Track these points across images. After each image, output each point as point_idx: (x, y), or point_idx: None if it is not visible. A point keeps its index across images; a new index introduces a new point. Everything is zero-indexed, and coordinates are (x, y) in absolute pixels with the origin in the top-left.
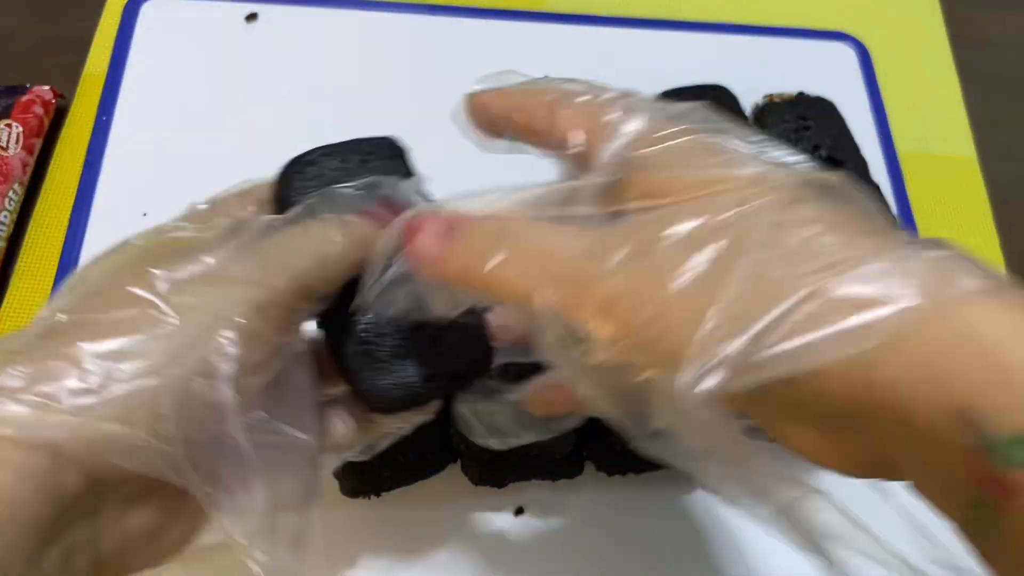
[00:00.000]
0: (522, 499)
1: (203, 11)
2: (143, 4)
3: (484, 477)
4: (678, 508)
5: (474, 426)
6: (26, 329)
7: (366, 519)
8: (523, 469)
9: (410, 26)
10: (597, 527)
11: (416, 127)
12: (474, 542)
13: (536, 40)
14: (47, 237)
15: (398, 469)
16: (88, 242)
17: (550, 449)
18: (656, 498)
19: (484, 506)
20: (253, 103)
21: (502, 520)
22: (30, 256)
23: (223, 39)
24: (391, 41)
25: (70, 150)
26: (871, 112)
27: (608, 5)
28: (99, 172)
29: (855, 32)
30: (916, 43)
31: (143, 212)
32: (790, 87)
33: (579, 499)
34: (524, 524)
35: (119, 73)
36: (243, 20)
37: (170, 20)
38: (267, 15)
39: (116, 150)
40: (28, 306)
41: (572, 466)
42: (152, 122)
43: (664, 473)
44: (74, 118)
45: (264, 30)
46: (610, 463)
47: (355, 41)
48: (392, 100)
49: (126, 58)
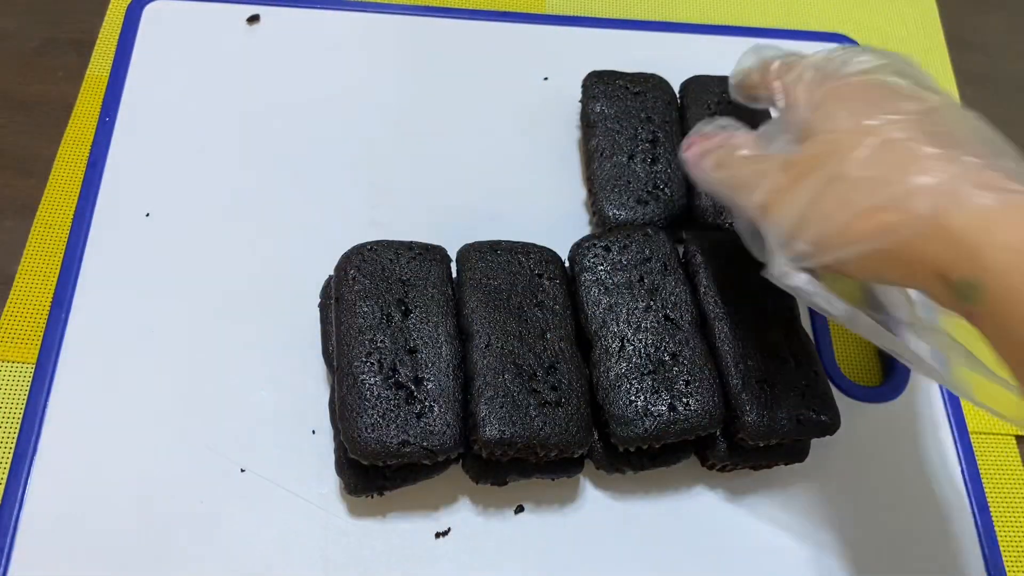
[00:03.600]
0: (522, 497)
1: (206, 13)
2: (146, 6)
3: (484, 475)
4: (677, 505)
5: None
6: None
7: (369, 516)
8: (523, 467)
9: (411, 28)
10: (596, 525)
11: (418, 128)
12: (475, 540)
13: (536, 41)
14: (50, 236)
15: (402, 467)
16: (91, 242)
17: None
18: (655, 496)
19: (484, 504)
20: (255, 104)
21: (502, 518)
22: (33, 255)
23: (225, 41)
24: (392, 43)
25: (74, 150)
26: None
27: (608, 6)
28: (102, 172)
29: (852, 34)
30: (913, 46)
31: (146, 212)
32: None
33: (578, 497)
34: (524, 522)
35: (122, 74)
36: (245, 22)
37: (173, 22)
38: (269, 17)
39: (119, 151)
40: (32, 305)
41: (572, 464)
42: (155, 123)
43: (663, 471)
44: (77, 119)
45: (266, 32)
46: (609, 461)
47: (357, 43)
48: (394, 101)
49: (129, 59)
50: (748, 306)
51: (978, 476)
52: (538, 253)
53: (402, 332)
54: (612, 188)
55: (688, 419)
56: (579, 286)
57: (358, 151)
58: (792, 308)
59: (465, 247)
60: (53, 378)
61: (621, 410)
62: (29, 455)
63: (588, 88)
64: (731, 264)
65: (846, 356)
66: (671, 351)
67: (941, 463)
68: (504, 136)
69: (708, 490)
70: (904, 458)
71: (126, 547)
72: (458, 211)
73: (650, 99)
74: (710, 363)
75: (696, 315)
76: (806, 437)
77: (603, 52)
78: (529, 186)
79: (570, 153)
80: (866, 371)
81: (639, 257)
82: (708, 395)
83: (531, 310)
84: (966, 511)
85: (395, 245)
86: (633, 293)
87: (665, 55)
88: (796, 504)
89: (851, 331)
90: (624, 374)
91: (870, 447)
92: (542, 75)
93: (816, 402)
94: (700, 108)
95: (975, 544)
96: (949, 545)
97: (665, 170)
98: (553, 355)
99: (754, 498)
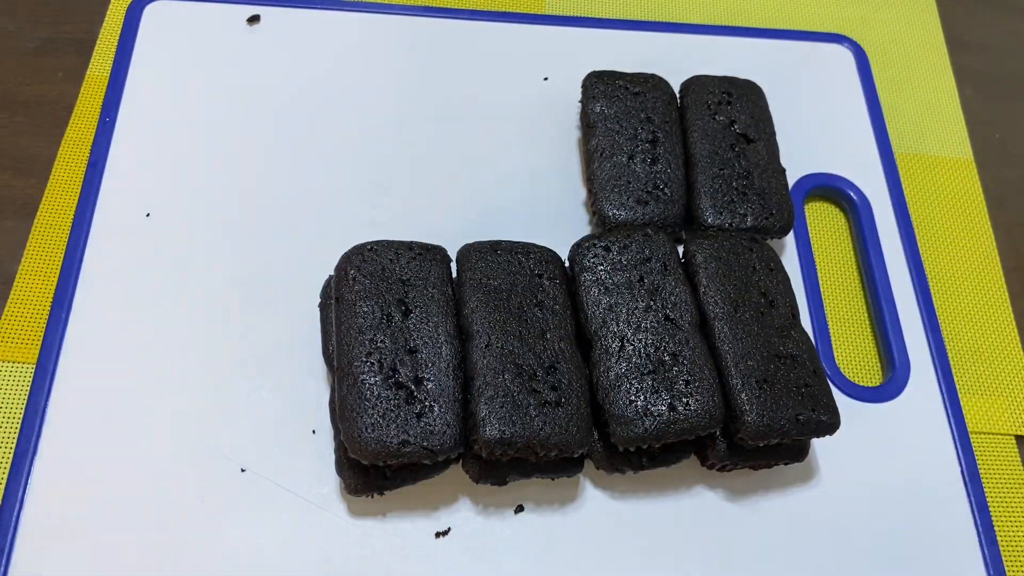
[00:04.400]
0: (522, 496)
1: (206, 13)
2: (146, 6)
3: (485, 475)
4: (677, 505)
5: None
6: None
7: (369, 516)
8: (524, 466)
9: (412, 28)
10: (597, 524)
11: (418, 128)
12: (475, 540)
13: (536, 41)
14: (51, 237)
15: (402, 467)
16: (91, 242)
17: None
18: (655, 495)
19: (484, 504)
20: (255, 104)
21: (502, 518)
22: (34, 255)
23: (226, 41)
24: (392, 43)
25: (74, 150)
26: (868, 114)
27: (607, 7)
28: (103, 173)
29: (852, 34)
30: (913, 45)
31: (146, 212)
32: (787, 89)
33: (578, 497)
34: (524, 522)
35: (122, 75)
36: (245, 22)
37: (173, 22)
38: (269, 17)
39: (119, 151)
40: (33, 305)
41: (572, 464)
42: (155, 123)
43: (663, 471)
44: (77, 119)
45: (266, 32)
46: (609, 461)
47: (357, 43)
48: (394, 102)
49: (129, 60)
50: (748, 306)
51: (978, 476)
52: (538, 253)
53: (402, 332)
54: (612, 188)
55: (688, 419)
56: (579, 286)
57: (358, 151)
58: (792, 308)
59: (465, 247)
60: (53, 378)
61: (621, 410)
62: (29, 455)
63: (588, 88)
64: (731, 265)
65: (846, 356)
66: (671, 351)
67: (940, 463)
68: (504, 136)
69: (708, 490)
70: (903, 457)
71: (126, 547)
72: (458, 211)
73: (650, 99)
74: (710, 363)
75: (696, 315)
76: (806, 437)
77: (603, 52)
78: (529, 186)
79: (570, 153)
80: (866, 371)
81: (639, 257)
82: (708, 395)
83: (531, 310)
84: (966, 511)
85: (395, 245)
86: (633, 293)
87: (665, 55)
88: (796, 503)
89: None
90: (624, 374)
91: (870, 446)
92: (542, 75)
93: (816, 402)
94: (700, 108)
95: (975, 544)
96: (949, 545)
97: (665, 170)
98: (553, 355)
99: (754, 498)
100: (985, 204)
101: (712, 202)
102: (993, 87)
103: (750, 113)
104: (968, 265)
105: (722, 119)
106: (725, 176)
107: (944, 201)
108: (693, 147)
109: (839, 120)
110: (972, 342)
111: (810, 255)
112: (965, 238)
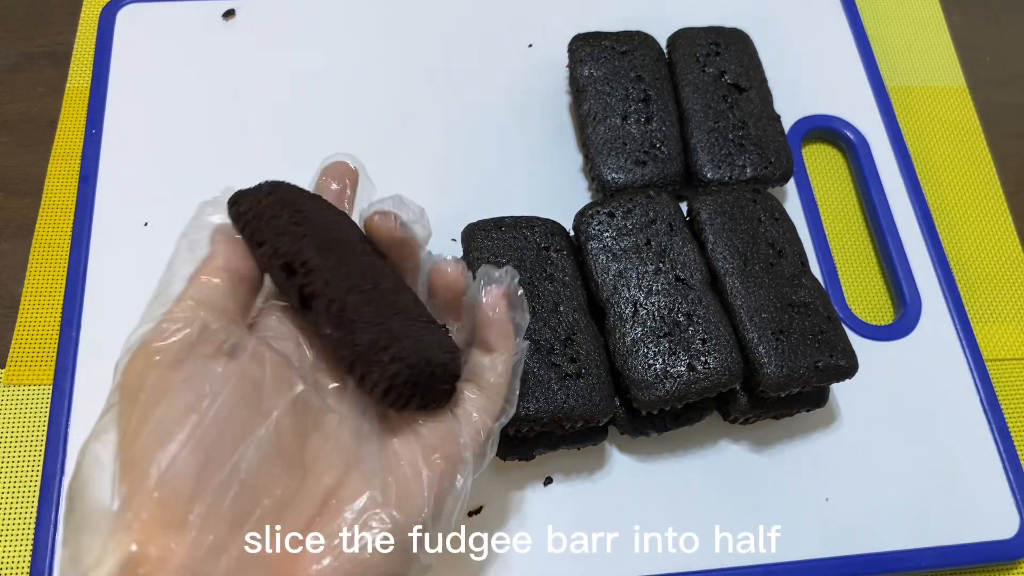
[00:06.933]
0: (550, 469)
1: (179, 12)
2: (119, 11)
3: (511, 451)
4: (704, 461)
5: None
6: None
7: None
8: (549, 439)
9: (391, 5)
10: (626, 489)
11: (408, 107)
12: (507, 515)
13: (517, 8)
14: (51, 255)
15: None
16: (92, 257)
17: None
18: (681, 454)
19: (513, 479)
20: (239, 98)
21: (532, 491)
22: (36, 276)
23: (202, 38)
24: (373, 20)
25: (64, 166)
26: (857, 51)
27: None
28: (95, 185)
29: None
30: (917, 45)
31: (144, 222)
32: (774, 33)
33: (606, 463)
34: (554, 493)
35: (103, 84)
36: (220, 17)
37: (148, 25)
38: (244, 10)
39: (109, 162)
40: (41, 326)
41: (597, 432)
42: (142, 130)
43: (687, 429)
44: (63, 134)
45: (243, 25)
46: (633, 425)
47: (336, 23)
48: (380, 81)
49: (108, 67)
50: (757, 259)
51: (996, 402)
52: (542, 225)
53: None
54: (608, 152)
55: (708, 377)
56: (587, 255)
57: (349, 136)
58: (801, 256)
59: (469, 226)
60: (71, 397)
61: (640, 374)
62: (57, 476)
63: (574, 52)
64: (736, 219)
65: (856, 297)
66: (685, 311)
67: (959, 393)
68: (494, 109)
69: (732, 443)
70: (922, 392)
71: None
72: (455, 189)
73: (638, 57)
74: (724, 320)
75: (706, 273)
76: (825, 383)
77: (586, 13)
78: (524, 157)
79: (562, 120)
80: (877, 310)
81: (644, 220)
82: (726, 352)
83: (542, 284)
84: (988, 438)
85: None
86: (641, 257)
87: (649, 10)
88: (820, 448)
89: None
90: (640, 338)
91: (888, 385)
92: (526, 42)
93: (832, 347)
94: (689, 61)
95: (1000, 470)
96: (973, 473)
97: (660, 128)
98: (568, 327)
99: (778, 446)
100: (982, 130)
101: (710, 157)
102: (979, 9)
103: (739, 62)
104: (970, 193)
105: (712, 71)
106: (720, 129)
107: (941, 131)
108: (685, 102)
109: (829, 60)
110: (980, 270)
111: (812, 200)
112: (965, 166)
